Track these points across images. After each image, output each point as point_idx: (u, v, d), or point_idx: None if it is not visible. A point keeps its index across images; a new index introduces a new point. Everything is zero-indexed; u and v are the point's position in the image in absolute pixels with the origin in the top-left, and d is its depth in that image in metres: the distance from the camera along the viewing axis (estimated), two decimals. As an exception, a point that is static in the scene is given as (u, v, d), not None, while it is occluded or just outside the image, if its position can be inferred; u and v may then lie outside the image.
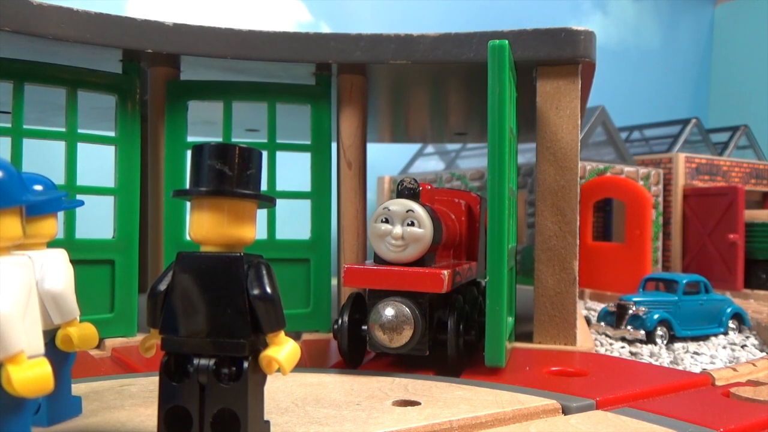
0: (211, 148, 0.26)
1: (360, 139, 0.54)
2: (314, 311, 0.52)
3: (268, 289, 0.26)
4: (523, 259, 0.92)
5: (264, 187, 0.49)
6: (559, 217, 0.49)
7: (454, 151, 1.23)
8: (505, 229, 0.39)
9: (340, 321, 0.41)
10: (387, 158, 1.19)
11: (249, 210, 0.27)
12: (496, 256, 0.39)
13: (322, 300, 0.52)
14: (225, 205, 0.26)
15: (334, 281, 0.54)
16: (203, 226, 0.26)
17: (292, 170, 0.59)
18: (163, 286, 0.26)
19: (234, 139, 0.51)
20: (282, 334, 0.26)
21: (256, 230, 0.28)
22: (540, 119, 0.49)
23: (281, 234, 0.52)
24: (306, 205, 0.53)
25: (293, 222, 0.59)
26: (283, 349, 0.26)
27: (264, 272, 0.26)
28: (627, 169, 1.00)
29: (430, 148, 1.26)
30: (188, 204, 0.30)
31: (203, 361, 0.25)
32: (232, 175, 0.26)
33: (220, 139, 0.51)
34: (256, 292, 0.25)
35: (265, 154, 0.50)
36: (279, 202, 0.32)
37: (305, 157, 0.53)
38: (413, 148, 1.26)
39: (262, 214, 0.31)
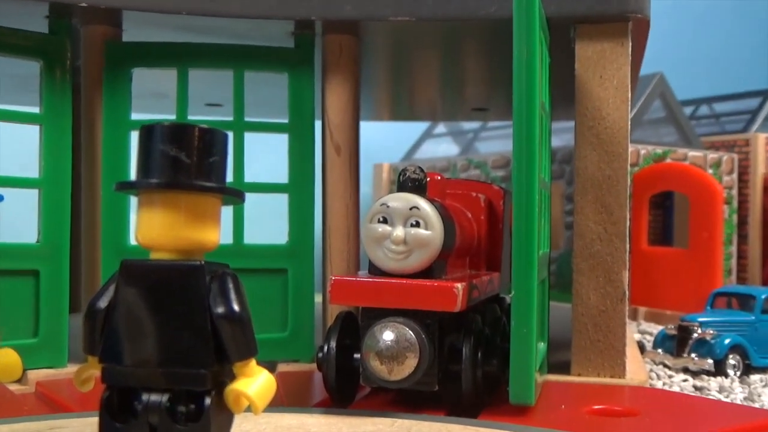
0: (163, 129, 0.26)
1: (351, 117, 0.55)
2: (293, 335, 0.53)
3: (236, 307, 0.26)
4: (559, 270, 0.93)
5: (229, 178, 0.50)
6: (604, 215, 0.50)
7: (471, 132, 1.24)
8: (535, 231, 0.39)
9: (326, 348, 0.41)
10: (386, 141, 1.20)
11: (211, 207, 0.27)
12: (524, 265, 0.39)
13: (303, 321, 0.53)
14: (181, 201, 0.26)
15: (318, 297, 0.54)
16: (154, 228, 0.26)
17: (264, 156, 0.59)
18: (103, 303, 0.27)
19: (191, 117, 0.52)
20: (253, 363, 0.27)
21: (220, 232, 0.28)
22: (580, 91, 0.50)
23: (251, 237, 0.53)
24: (283, 200, 0.53)
25: (266, 222, 0.60)
26: (254, 382, 0.26)
27: (230, 285, 0.27)
28: (692, 153, 1.00)
29: (440, 128, 1.27)
30: (134, 200, 0.31)
31: (154, 397, 0.26)
32: (190, 163, 0.26)
33: (173, 117, 0.51)
34: (220, 310, 0.26)
35: (230, 136, 0.50)
36: (249, 196, 0.32)
37: (281, 140, 0.54)
38: (419, 128, 1.26)
39: (227, 212, 0.32)
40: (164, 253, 0.27)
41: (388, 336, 0.39)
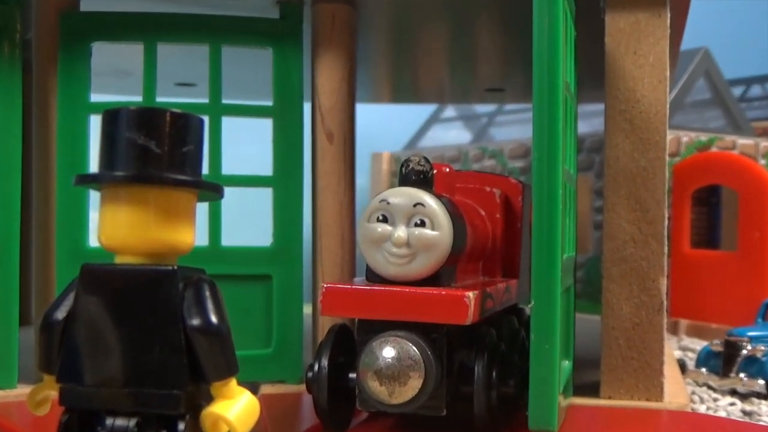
0: (130, 114, 0.27)
1: (345, 99, 0.55)
2: (279, 352, 0.53)
3: (213, 318, 0.27)
4: (587, 276, 0.93)
5: (205, 170, 0.50)
6: (639, 213, 0.50)
7: (485, 116, 1.24)
8: (559, 231, 0.40)
9: (316, 366, 0.42)
10: (386, 127, 1.20)
11: (185, 203, 0.28)
12: (545, 271, 0.39)
13: (289, 336, 0.53)
14: (151, 197, 0.27)
15: (307, 309, 0.55)
16: (119, 227, 0.27)
17: (245, 145, 0.60)
18: (60, 315, 0.27)
19: (160, 99, 0.52)
20: (233, 383, 0.27)
21: (195, 233, 0.29)
22: (611, 69, 0.50)
23: (230, 238, 0.53)
24: (266, 195, 0.54)
25: (247, 221, 0.60)
26: (234, 405, 0.27)
27: (207, 294, 0.27)
28: (742, 141, 1.01)
29: (449, 112, 1.27)
30: (95, 195, 0.31)
31: (120, 421, 0.26)
32: (160, 153, 0.27)
33: (139, 99, 0.52)
34: (195, 322, 0.26)
35: (206, 121, 0.51)
36: (227, 191, 0.32)
37: (265, 126, 0.54)
38: (425, 111, 1.27)
39: (202, 209, 0.32)
40: (131, 257, 0.27)
41: (388, 353, 0.39)
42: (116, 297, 0.27)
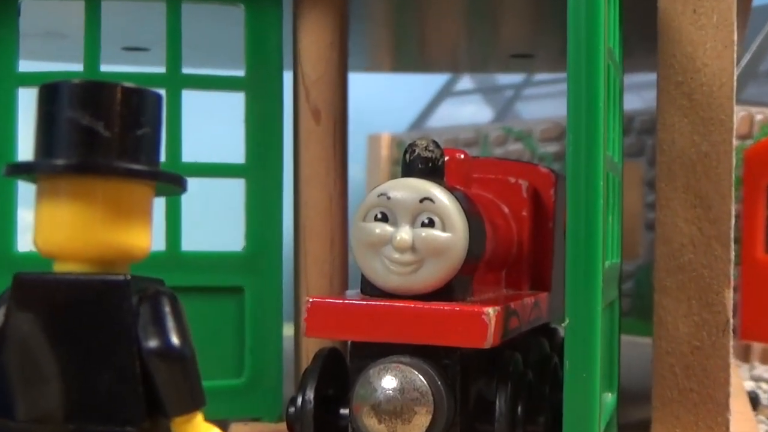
0: (72, 89, 0.27)
1: (336, 68, 0.55)
2: (253, 383, 0.54)
3: (175, 340, 0.27)
4: (637, 288, 0.93)
5: (161, 157, 0.50)
6: (700, 210, 0.50)
7: (510, 88, 1.24)
8: (599, 232, 0.40)
9: (300, 400, 0.42)
10: (386, 102, 1.20)
11: (140, 199, 0.28)
12: (583, 282, 0.39)
13: (266, 362, 0.54)
14: (98, 191, 0.27)
15: (288, 329, 0.55)
16: (59, 228, 0.27)
17: (211, 125, 0.60)
18: (-14, 335, 0.27)
19: (106, 68, 0.52)
20: (199, 418, 0.28)
21: (152, 235, 0.29)
22: (664, 32, 0.50)
23: (192, 242, 0.53)
24: (237, 188, 0.54)
25: (214, 220, 0.60)
26: (200, 446, 0.27)
27: (166, 309, 0.27)
28: (829, 120, 1.01)
29: (465, 83, 1.27)
30: (27, 189, 0.31)
31: (60, 466, 0.27)
32: (110, 137, 0.27)
33: (80, 68, 0.52)
34: (153, 344, 0.27)
35: (164, 96, 0.51)
36: (190, 183, 0.33)
37: (235, 102, 0.54)
38: (434, 83, 1.26)
39: (159, 206, 0.33)
40: (73, 264, 0.28)
41: (389, 383, 0.40)
42: (55, 314, 0.27)
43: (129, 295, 0.27)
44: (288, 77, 0.55)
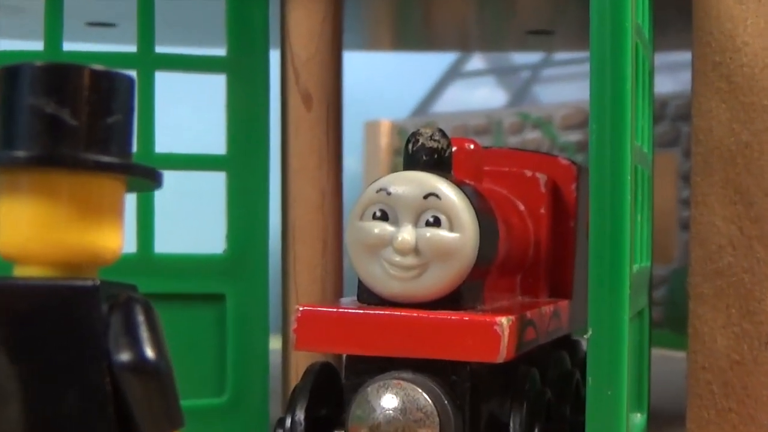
0: (34, 72, 0.27)
1: (329, 47, 0.55)
2: (235, 401, 0.54)
3: (149, 353, 0.27)
4: (671, 296, 0.93)
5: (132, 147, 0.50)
6: (740, 207, 0.50)
7: (526, 69, 1.24)
8: (626, 232, 0.40)
9: (288, 421, 0.42)
10: (386, 86, 1.20)
11: (110, 195, 0.28)
12: (608, 288, 0.39)
13: (250, 379, 0.54)
14: (64, 186, 0.27)
15: (275, 341, 0.55)
16: (20, 228, 0.27)
17: (188, 112, 0.60)
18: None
19: (69, 46, 0.52)
20: (177, 440, 0.28)
21: (123, 236, 0.29)
22: (700, 7, 0.50)
23: (166, 244, 0.53)
24: (217, 182, 0.54)
25: (191, 219, 0.60)
26: (178, 472, 0.27)
27: (140, 318, 0.28)
28: None
29: (476, 63, 1.27)
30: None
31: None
32: (77, 126, 0.27)
33: (40, 46, 0.52)
34: (125, 357, 0.27)
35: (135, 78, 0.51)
36: (165, 177, 0.33)
37: (216, 84, 0.54)
38: (441, 62, 1.27)
39: (130, 203, 0.33)
40: (36, 268, 0.28)
41: (389, 402, 0.40)
42: (15, 324, 0.27)
43: (98, 302, 0.27)
44: (275, 57, 0.55)
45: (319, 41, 0.55)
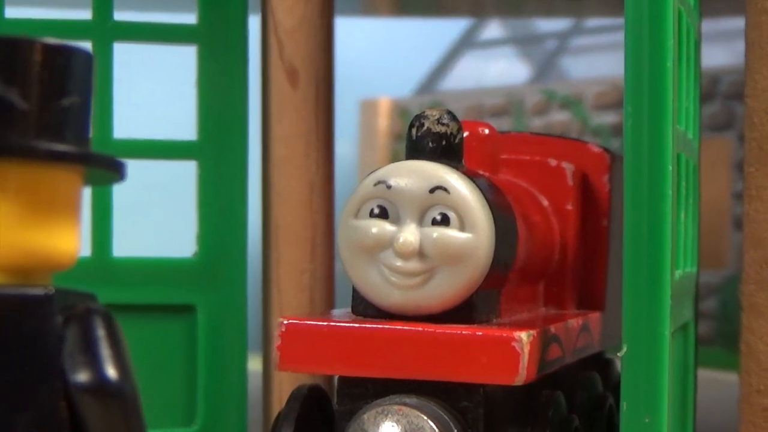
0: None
1: (318, 14, 0.56)
2: (207, 431, 0.54)
3: (110, 372, 0.28)
4: (724, 308, 0.93)
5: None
6: (802, 202, 0.51)
7: (552, 38, 1.24)
8: (667, 233, 0.40)
9: (271, 455, 0.42)
10: (385, 58, 1.19)
11: (65, 189, 0.29)
12: (645, 298, 0.40)
13: (225, 404, 0.54)
14: (12, 179, 0.27)
15: (255, 361, 0.55)
16: (-37, 228, 0.27)
17: (153, 90, 0.60)
18: None
19: (12, 13, 0.53)
20: (142, 473, 0.29)
21: (81, 236, 0.30)
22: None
23: (128, 246, 0.54)
24: (187, 173, 0.54)
25: (157, 217, 0.60)
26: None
27: (100, 333, 0.28)
28: None
29: (492, 31, 1.26)
30: None
31: None
32: (26, 109, 0.27)
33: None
34: (83, 377, 0.27)
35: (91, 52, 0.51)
36: (128, 167, 0.33)
37: (186, 58, 0.55)
38: (450, 31, 1.26)
39: (85, 199, 0.33)
40: (-18, 274, 0.28)
41: (389, 431, 0.40)
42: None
43: (52, 313, 0.28)
44: (255, 25, 0.55)
45: (307, 6, 0.55)
